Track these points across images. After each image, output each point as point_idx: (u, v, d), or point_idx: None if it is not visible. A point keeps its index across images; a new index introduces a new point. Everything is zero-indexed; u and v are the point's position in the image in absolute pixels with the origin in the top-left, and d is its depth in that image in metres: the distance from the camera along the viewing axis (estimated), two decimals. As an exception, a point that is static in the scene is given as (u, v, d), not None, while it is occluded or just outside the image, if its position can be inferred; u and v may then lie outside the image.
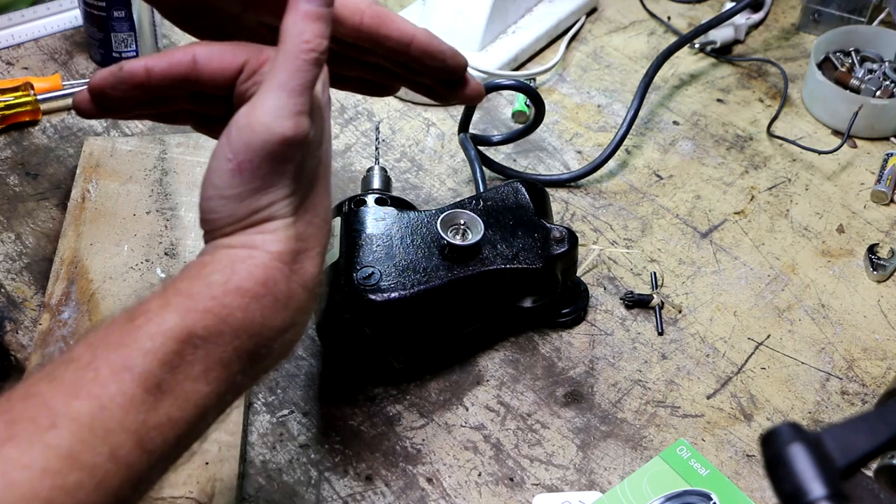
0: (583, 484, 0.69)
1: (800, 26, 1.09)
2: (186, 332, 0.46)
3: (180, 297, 0.47)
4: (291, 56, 0.49)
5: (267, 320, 0.48)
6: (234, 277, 0.48)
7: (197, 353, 0.46)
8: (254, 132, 0.48)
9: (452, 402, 0.74)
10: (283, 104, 0.48)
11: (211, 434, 0.68)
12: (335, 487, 0.68)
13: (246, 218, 0.49)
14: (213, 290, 0.47)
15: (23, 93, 0.92)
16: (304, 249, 0.51)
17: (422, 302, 0.70)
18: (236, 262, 0.48)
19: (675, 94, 1.01)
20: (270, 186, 0.49)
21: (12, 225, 0.84)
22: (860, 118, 0.93)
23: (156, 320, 0.46)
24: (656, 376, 0.76)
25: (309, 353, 0.76)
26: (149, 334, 0.45)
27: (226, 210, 0.49)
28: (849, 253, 0.85)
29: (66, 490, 0.41)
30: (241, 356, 0.48)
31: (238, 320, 0.47)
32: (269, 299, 0.48)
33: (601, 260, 0.84)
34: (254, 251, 0.49)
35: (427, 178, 0.90)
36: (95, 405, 0.43)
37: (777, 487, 0.43)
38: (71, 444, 0.42)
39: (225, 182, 0.49)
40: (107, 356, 0.45)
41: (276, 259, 0.49)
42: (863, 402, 0.75)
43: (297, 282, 0.50)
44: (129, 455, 0.43)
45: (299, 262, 0.50)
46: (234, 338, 0.47)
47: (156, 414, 0.44)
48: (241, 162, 0.48)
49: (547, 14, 1.05)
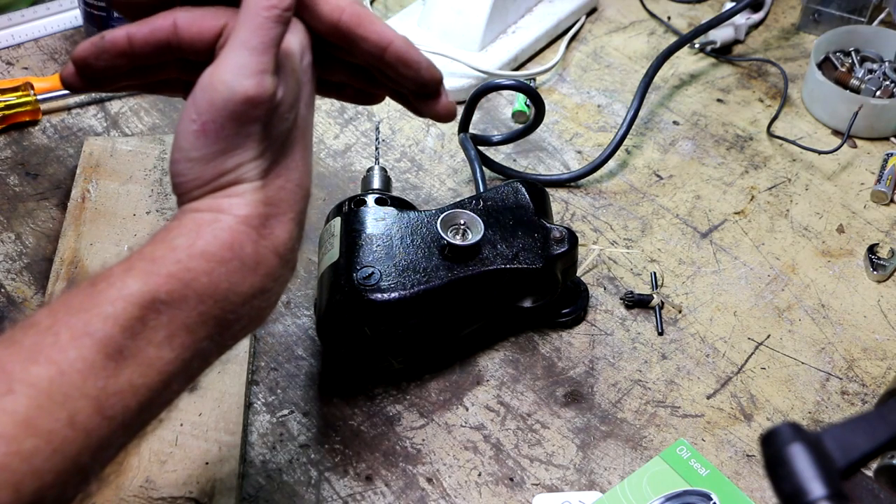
0: (583, 484, 0.69)
1: (800, 26, 1.09)
2: (149, 296, 0.45)
3: (144, 261, 0.46)
4: (252, 13, 0.48)
5: (234, 285, 0.48)
6: (199, 241, 0.47)
7: (160, 318, 0.45)
8: (216, 91, 0.47)
9: (452, 402, 0.74)
10: (244, 62, 0.47)
11: (211, 436, 0.68)
12: (335, 487, 0.68)
13: (213, 181, 0.48)
14: (178, 254, 0.46)
15: (23, 93, 0.92)
16: (274, 214, 0.50)
17: (422, 302, 0.70)
18: (202, 225, 0.48)
19: (675, 94, 1.01)
20: (236, 148, 0.48)
21: (12, 225, 0.84)
22: (860, 118, 0.93)
23: (117, 285, 0.45)
24: (656, 376, 0.76)
25: (309, 353, 0.76)
26: (110, 299, 0.45)
27: (192, 173, 0.48)
28: (849, 253, 0.85)
29: (22, 456, 0.41)
30: (207, 322, 0.47)
31: (203, 285, 0.46)
32: (235, 264, 0.48)
33: (601, 260, 0.84)
34: (220, 214, 0.48)
35: (427, 178, 0.90)
36: (54, 370, 0.42)
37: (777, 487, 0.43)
38: (28, 409, 0.41)
39: (190, 144, 0.48)
40: (67, 321, 0.44)
41: (242, 223, 0.48)
42: (863, 402, 0.75)
43: (267, 247, 0.49)
44: (87, 421, 0.43)
45: (269, 227, 0.49)
46: (198, 303, 0.46)
47: (116, 380, 0.44)
48: (205, 122, 0.47)
49: (547, 14, 1.05)
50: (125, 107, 0.96)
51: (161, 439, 0.67)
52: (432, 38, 1.00)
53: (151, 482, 0.65)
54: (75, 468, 0.43)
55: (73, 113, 0.95)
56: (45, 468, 0.41)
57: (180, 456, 0.67)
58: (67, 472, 0.42)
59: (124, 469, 0.66)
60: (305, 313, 0.79)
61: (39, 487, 0.41)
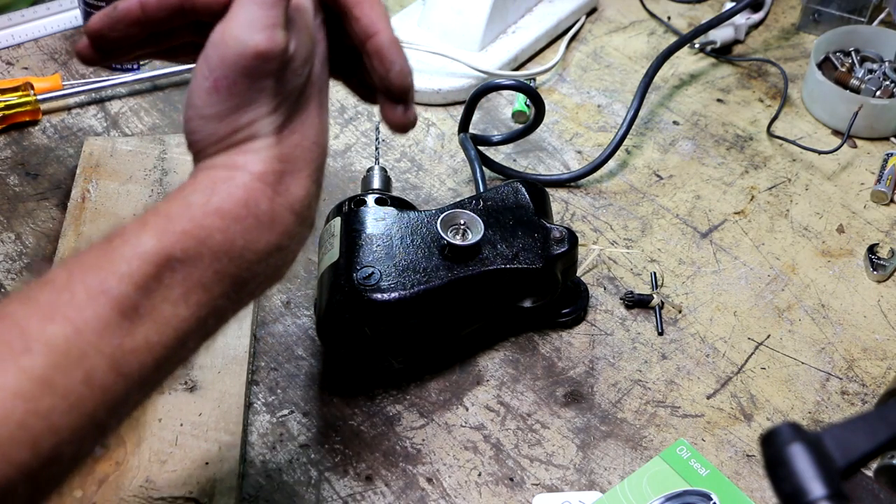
0: (583, 484, 0.69)
1: (800, 26, 1.09)
2: (164, 254, 0.45)
3: (159, 218, 0.46)
4: None
5: (249, 243, 0.47)
6: (214, 198, 0.47)
7: (175, 276, 0.45)
8: (227, 47, 0.47)
9: (452, 402, 0.74)
10: (254, 17, 0.47)
11: (211, 436, 0.68)
12: (335, 487, 0.68)
13: (227, 137, 0.48)
14: (193, 212, 0.46)
15: (23, 93, 0.92)
16: (290, 171, 0.49)
17: (422, 302, 0.70)
18: (217, 182, 0.47)
19: (675, 94, 1.01)
20: (250, 104, 0.48)
21: (12, 225, 0.84)
22: (860, 118, 0.93)
23: (132, 242, 0.45)
24: (656, 376, 0.76)
25: (309, 353, 0.76)
26: (125, 257, 0.44)
27: (206, 130, 0.48)
28: (849, 253, 0.85)
29: (39, 414, 0.41)
30: (223, 279, 0.47)
31: (218, 242, 0.46)
32: (250, 221, 0.47)
33: (601, 260, 0.84)
34: (235, 171, 0.48)
35: (427, 178, 0.90)
36: (70, 329, 0.42)
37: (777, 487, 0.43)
38: (44, 368, 0.41)
39: (203, 101, 0.48)
40: (83, 278, 0.44)
41: (257, 179, 0.48)
42: (863, 402, 0.75)
43: (282, 204, 0.49)
44: (104, 379, 0.43)
45: (284, 184, 0.49)
46: (214, 260, 0.46)
47: (132, 338, 0.44)
48: (217, 79, 0.47)
49: (547, 14, 1.05)
50: (125, 107, 0.96)
51: (161, 439, 0.67)
52: (432, 38, 1.00)
53: (151, 482, 0.65)
54: (92, 425, 0.43)
55: (73, 113, 0.95)
56: (62, 425, 0.41)
57: (180, 456, 0.67)
58: (84, 429, 0.42)
59: (124, 469, 0.66)
60: (305, 313, 0.79)
61: (57, 444, 0.41)
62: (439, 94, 0.97)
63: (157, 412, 0.69)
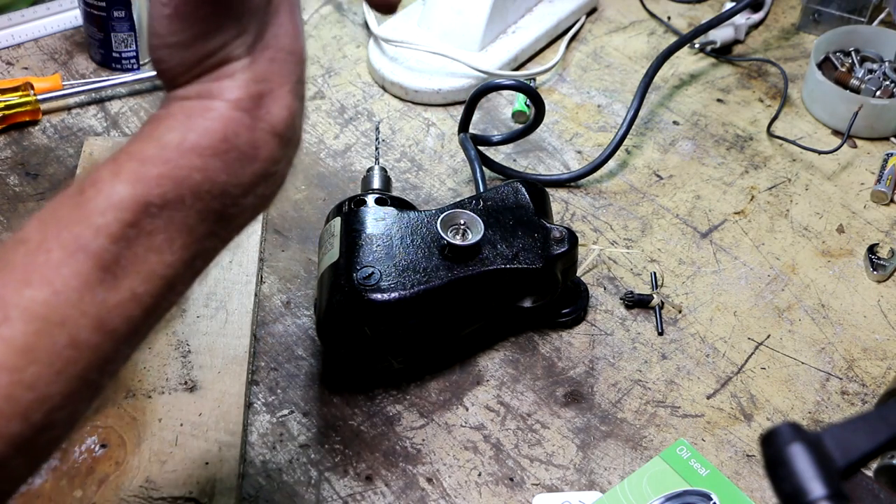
0: (583, 484, 0.69)
1: (800, 26, 1.09)
2: (141, 201, 0.42)
3: (132, 162, 0.43)
4: None
5: (232, 177, 0.44)
6: (190, 135, 0.44)
7: (155, 222, 0.43)
8: None
9: (452, 402, 0.74)
10: None
11: (211, 436, 0.68)
12: (335, 487, 0.68)
13: (198, 64, 0.45)
14: (168, 153, 0.43)
15: (23, 93, 0.92)
16: (267, 91, 0.46)
17: (422, 302, 0.70)
18: (192, 116, 0.44)
19: (675, 94, 1.01)
20: (216, 27, 0.44)
21: (12, 225, 0.84)
22: (860, 118, 0.93)
23: (106, 192, 0.42)
24: (656, 376, 0.76)
25: (309, 353, 0.76)
26: (100, 209, 0.42)
27: (174, 59, 0.45)
28: (849, 253, 0.85)
29: (26, 384, 0.40)
30: (207, 218, 0.44)
31: (198, 182, 0.43)
32: (232, 154, 0.44)
33: (601, 260, 0.84)
34: (210, 102, 0.44)
35: (427, 178, 0.90)
36: (48, 291, 0.41)
37: (777, 487, 0.43)
38: (26, 336, 0.40)
39: (166, 29, 0.44)
40: (58, 235, 0.42)
41: (234, 108, 0.44)
42: (863, 402, 0.75)
43: (264, 129, 0.45)
44: (89, 339, 0.41)
45: (264, 107, 0.45)
46: (195, 201, 0.44)
47: (116, 293, 0.42)
48: (177, 4, 0.43)
49: (547, 14, 1.05)
50: (125, 107, 0.96)
51: (161, 439, 0.67)
52: (432, 38, 1.00)
53: (151, 482, 0.65)
54: (83, 385, 0.42)
55: (73, 113, 0.95)
56: (50, 392, 0.40)
57: (180, 456, 0.67)
58: (75, 392, 0.41)
59: (124, 469, 0.66)
60: (305, 313, 0.79)
61: (49, 411, 0.40)
62: (439, 94, 0.97)
63: (157, 412, 0.69)
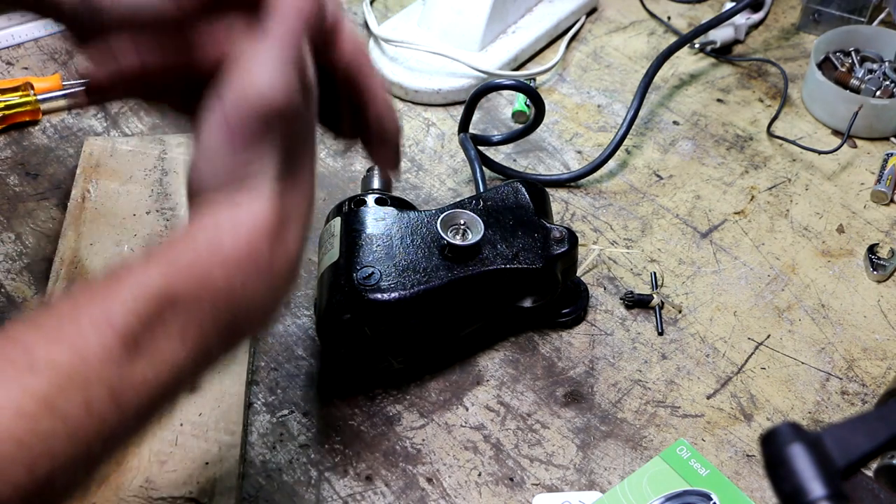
0: (583, 484, 0.69)
1: (800, 26, 1.09)
2: (168, 291, 0.45)
3: (164, 256, 0.47)
4: (285, 24, 0.49)
5: (247, 290, 0.48)
6: (218, 246, 0.47)
7: (176, 313, 0.46)
8: (246, 96, 0.48)
9: (452, 402, 0.74)
10: (274, 69, 0.48)
11: (211, 436, 0.68)
12: (335, 487, 0.68)
13: (233, 185, 0.49)
14: (198, 254, 0.47)
15: (23, 93, 0.92)
16: (288, 221, 0.50)
17: (422, 302, 0.70)
18: (221, 229, 0.48)
19: (675, 94, 1.01)
20: (259, 153, 0.49)
21: (12, 225, 0.84)
22: (860, 118, 0.93)
23: (139, 276, 0.46)
24: (656, 376, 0.76)
25: (309, 353, 0.76)
26: (131, 290, 0.45)
27: (213, 174, 0.49)
28: (849, 253, 0.85)
29: (39, 435, 0.41)
30: (218, 322, 0.47)
31: (218, 288, 0.47)
32: (251, 268, 0.48)
33: (601, 260, 0.84)
34: (239, 219, 0.48)
35: (427, 178, 0.90)
36: (74, 354, 0.43)
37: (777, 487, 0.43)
38: (48, 389, 0.41)
39: (215, 145, 0.48)
40: (88, 309, 0.44)
41: (260, 229, 0.48)
42: (863, 402, 0.75)
43: (281, 254, 0.49)
44: (102, 408, 0.43)
45: (283, 235, 0.50)
46: (213, 303, 0.47)
47: (132, 371, 0.44)
48: (233, 126, 0.48)
49: (547, 14, 1.05)
50: (125, 107, 0.96)
51: (161, 439, 0.67)
52: (432, 38, 1.00)
53: (151, 482, 0.65)
54: (86, 455, 0.43)
55: (73, 113, 0.95)
56: (59, 450, 0.42)
57: (180, 456, 0.67)
58: (79, 458, 0.43)
59: (124, 469, 0.66)
60: (305, 313, 0.79)
61: (52, 469, 0.42)
62: (439, 94, 0.97)
63: (157, 412, 0.69)
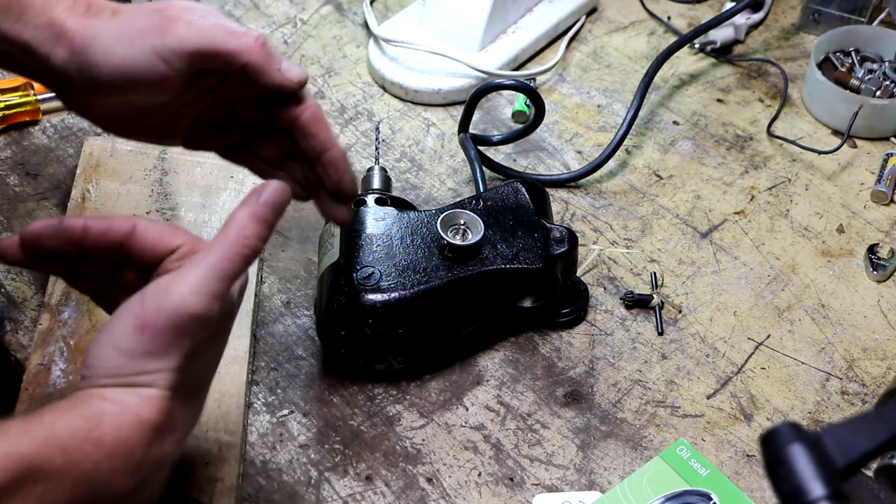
0: (583, 484, 0.69)
1: (800, 26, 1.09)
2: (34, 461, 0.46)
3: (43, 427, 0.48)
4: (229, 243, 0.52)
5: (112, 480, 0.49)
6: (97, 430, 0.48)
7: (36, 487, 0.46)
8: (169, 299, 0.50)
9: (452, 402, 0.74)
10: (203, 283, 0.51)
11: (211, 436, 0.68)
12: (335, 487, 0.68)
13: (129, 376, 0.50)
14: (75, 433, 0.48)
15: (23, 93, 0.92)
16: (171, 428, 0.51)
17: (422, 302, 0.70)
18: (105, 415, 0.49)
19: (675, 94, 1.01)
20: (163, 355, 0.50)
21: (12, 225, 0.84)
22: (860, 118, 0.93)
23: (11, 440, 0.46)
24: (656, 376, 0.76)
25: (309, 353, 0.76)
26: (1, 452, 0.46)
27: (114, 363, 0.50)
28: (849, 253, 0.85)
29: None
30: (75, 502, 0.48)
31: (85, 471, 0.48)
32: (121, 462, 0.49)
33: (601, 260, 0.84)
34: (126, 413, 0.50)
35: (427, 178, 0.90)
36: None
37: (777, 487, 0.43)
38: None
39: (124, 335, 0.50)
40: None
41: (142, 429, 0.50)
42: (863, 402, 0.75)
43: (154, 455, 0.51)
44: None
45: (162, 439, 0.51)
46: (74, 485, 0.48)
47: None
48: (148, 322, 0.50)
49: (547, 14, 1.05)
50: (125, 107, 0.95)
51: (161, 439, 0.67)
52: (432, 38, 1.00)
53: (151, 482, 0.65)
54: None
55: (73, 113, 0.94)
56: None
57: (180, 456, 0.67)
58: None
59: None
60: (305, 313, 0.79)
61: None
62: (439, 94, 0.97)
63: (157, 412, 0.69)
